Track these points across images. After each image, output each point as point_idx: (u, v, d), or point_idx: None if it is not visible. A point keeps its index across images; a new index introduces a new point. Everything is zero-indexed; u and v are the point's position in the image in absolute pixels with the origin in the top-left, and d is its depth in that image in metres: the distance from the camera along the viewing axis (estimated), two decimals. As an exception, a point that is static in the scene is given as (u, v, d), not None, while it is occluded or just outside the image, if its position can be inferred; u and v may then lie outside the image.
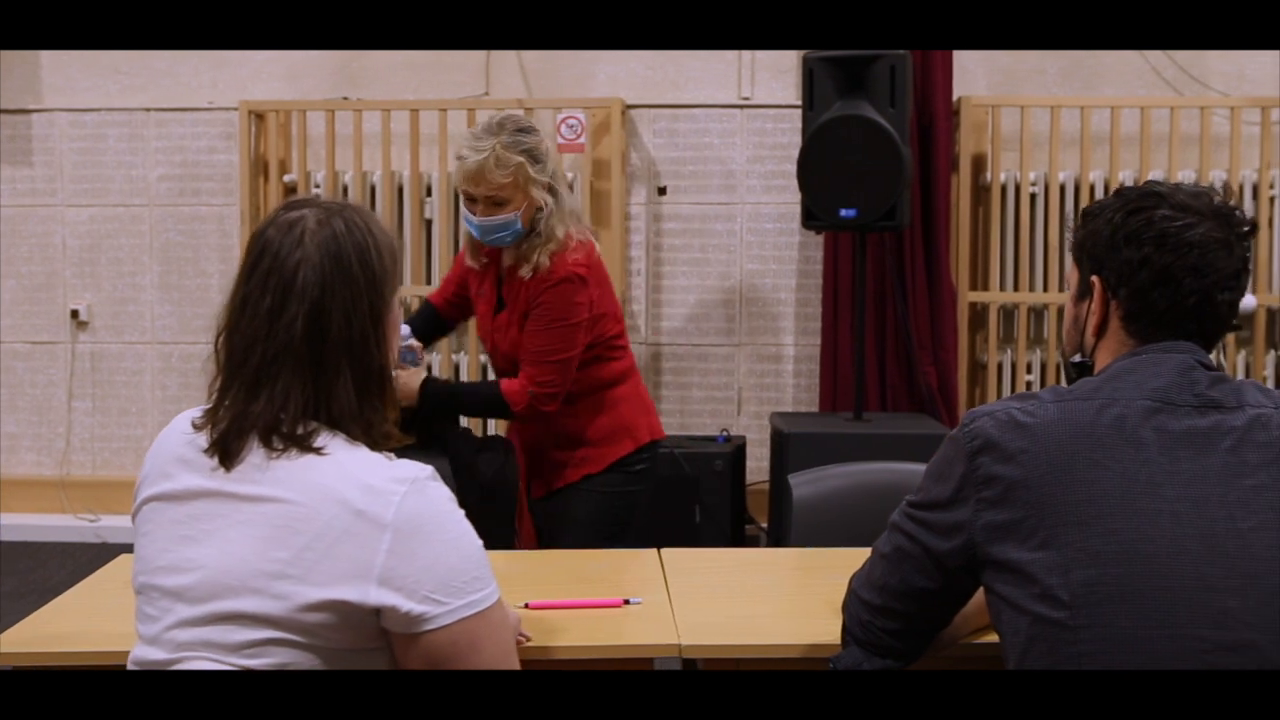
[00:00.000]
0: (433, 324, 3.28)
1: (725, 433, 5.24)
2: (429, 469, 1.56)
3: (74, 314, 5.50)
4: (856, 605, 1.81)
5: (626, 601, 2.11)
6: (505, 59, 5.43)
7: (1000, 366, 5.28)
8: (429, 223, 5.33)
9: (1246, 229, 1.70)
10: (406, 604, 1.50)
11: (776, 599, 2.23)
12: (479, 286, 3.10)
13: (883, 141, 4.66)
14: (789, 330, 5.44)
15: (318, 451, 1.53)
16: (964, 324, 5.23)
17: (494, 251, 3.04)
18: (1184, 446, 1.60)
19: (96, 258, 5.51)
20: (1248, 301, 4.82)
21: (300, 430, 1.55)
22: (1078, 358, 1.83)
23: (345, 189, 5.32)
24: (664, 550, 2.45)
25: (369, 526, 1.50)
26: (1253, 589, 1.54)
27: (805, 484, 2.81)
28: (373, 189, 5.33)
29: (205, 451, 1.57)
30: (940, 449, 1.72)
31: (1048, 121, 5.17)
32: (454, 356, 5.37)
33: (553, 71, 5.43)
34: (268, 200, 5.30)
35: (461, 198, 2.95)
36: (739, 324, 5.44)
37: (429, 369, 2.90)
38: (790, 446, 4.52)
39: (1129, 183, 5.17)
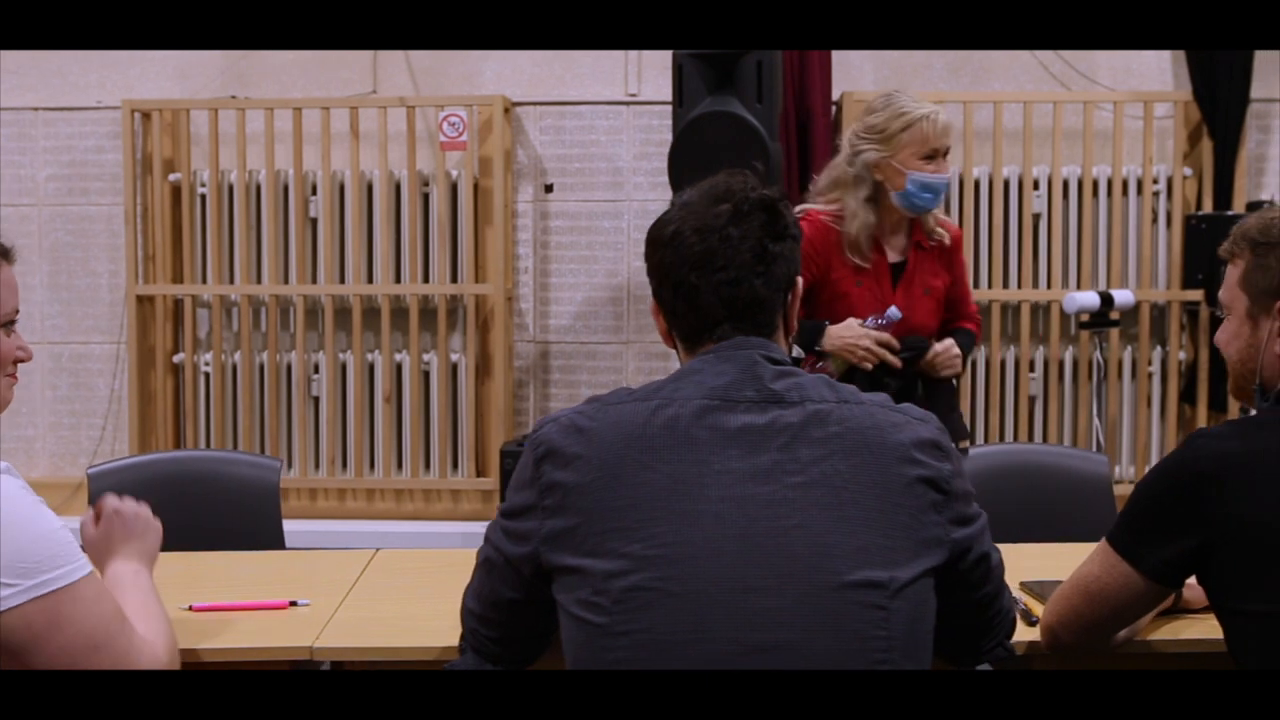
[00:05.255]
0: None
1: (607, 431, 5.22)
2: (4, 464, 1.61)
3: (-35, 314, 5.52)
4: (465, 613, 1.80)
5: (293, 603, 2.11)
6: (393, 57, 5.42)
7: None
8: (314, 221, 5.33)
9: (747, 208, 1.69)
10: None
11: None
12: (856, 278, 3.18)
13: (750, 138, 4.63)
14: (676, 328, 5.42)
15: None
16: (847, 321, 5.19)
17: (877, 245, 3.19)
18: (737, 445, 1.58)
19: (-13, 257, 5.52)
20: (1125, 296, 4.78)
21: None
22: None
23: (230, 188, 5.32)
24: (381, 551, 2.44)
25: None
26: (789, 588, 1.52)
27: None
28: (258, 188, 5.33)
29: None
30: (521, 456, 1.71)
31: (931, 117, 5.13)
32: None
33: (440, 69, 5.42)
34: (153, 200, 5.31)
35: (909, 168, 3.08)
36: (627, 322, 5.43)
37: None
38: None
39: (1013, 179, 5.14)
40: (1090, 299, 4.66)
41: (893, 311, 3.16)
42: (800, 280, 1.78)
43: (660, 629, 1.51)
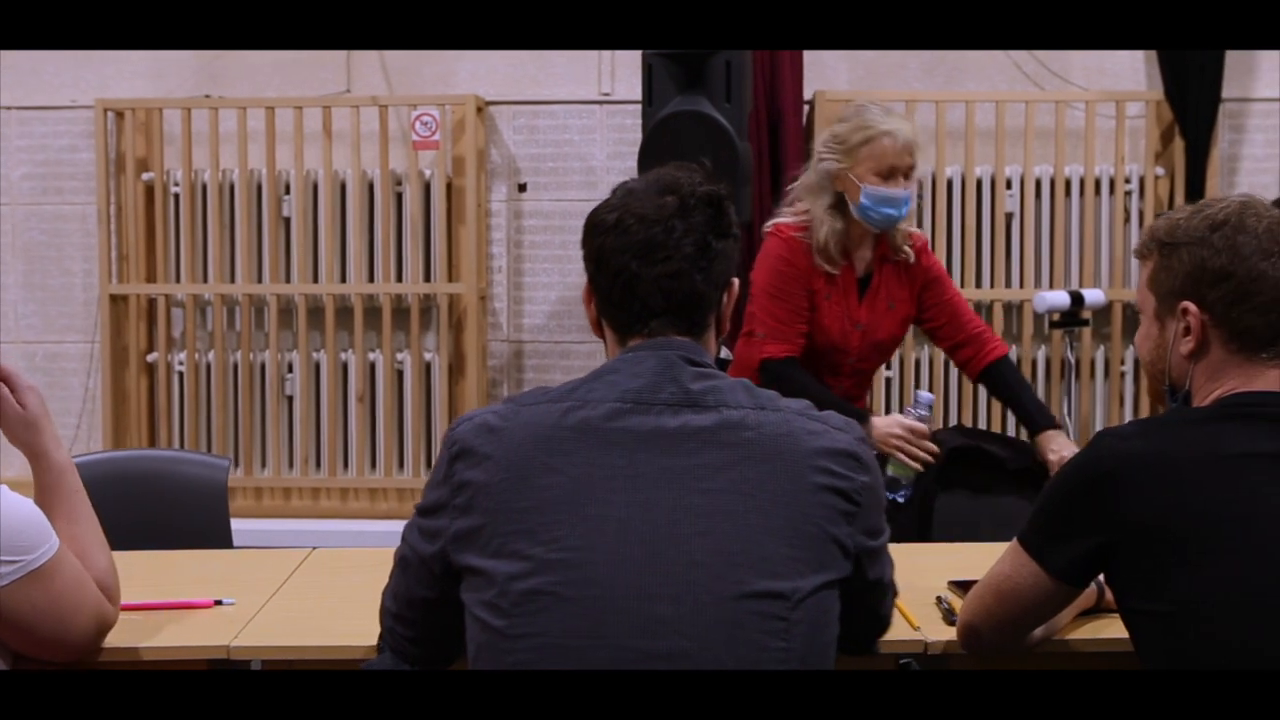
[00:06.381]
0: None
1: (580, 430, 5.21)
2: None
3: (-61, 313, 5.53)
4: (383, 612, 1.80)
5: (219, 602, 2.10)
6: (367, 57, 5.41)
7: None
8: (287, 221, 5.32)
9: (693, 202, 1.68)
10: None
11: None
12: (826, 291, 3.13)
13: (719, 137, 4.63)
14: (650, 327, 5.41)
15: None
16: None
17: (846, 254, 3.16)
18: (647, 449, 1.57)
19: (-39, 257, 5.54)
20: (1096, 296, 4.76)
21: None
22: None
23: (204, 188, 5.32)
24: (317, 549, 2.44)
25: None
26: (688, 596, 1.51)
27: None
28: (232, 187, 5.32)
29: None
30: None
31: (904, 116, 5.12)
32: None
33: (415, 68, 5.42)
34: (127, 199, 5.31)
35: (864, 183, 3.02)
36: (600, 321, 5.41)
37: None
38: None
39: (986, 179, 5.14)
40: (1060, 298, 4.64)
41: (924, 396, 3.10)
42: (736, 281, 1.77)
43: (557, 633, 1.51)
